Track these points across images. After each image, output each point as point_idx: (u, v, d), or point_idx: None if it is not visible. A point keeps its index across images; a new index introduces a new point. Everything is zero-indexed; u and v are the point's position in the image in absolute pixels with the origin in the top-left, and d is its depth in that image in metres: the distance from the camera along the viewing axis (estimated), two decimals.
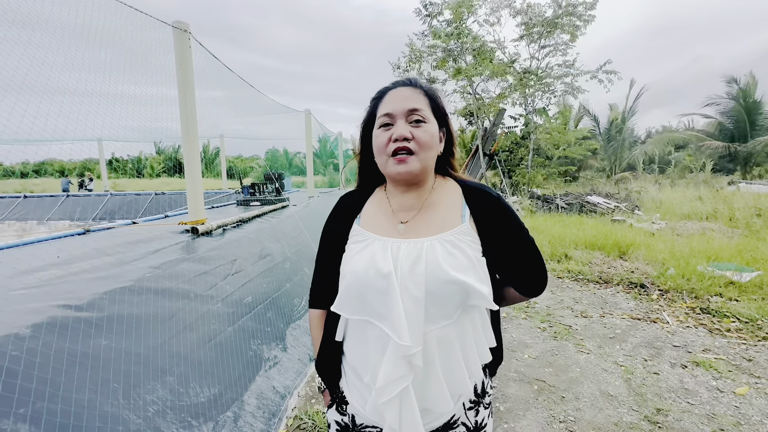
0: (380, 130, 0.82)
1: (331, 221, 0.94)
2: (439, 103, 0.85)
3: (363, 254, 0.80)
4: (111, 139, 6.28)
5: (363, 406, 0.82)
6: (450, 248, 0.77)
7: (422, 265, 0.75)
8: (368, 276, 0.76)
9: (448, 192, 0.87)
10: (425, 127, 0.79)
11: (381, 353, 0.76)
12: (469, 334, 0.79)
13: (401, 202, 0.86)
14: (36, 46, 2.03)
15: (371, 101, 0.88)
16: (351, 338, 0.85)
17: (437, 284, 0.74)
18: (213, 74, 3.61)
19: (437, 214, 0.83)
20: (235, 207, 5.14)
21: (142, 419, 1.42)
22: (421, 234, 0.80)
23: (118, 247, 2.44)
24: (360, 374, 0.82)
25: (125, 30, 2.52)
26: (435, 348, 0.76)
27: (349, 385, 0.87)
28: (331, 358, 0.89)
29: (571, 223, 7.67)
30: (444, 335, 0.77)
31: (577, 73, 11.53)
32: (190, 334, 1.96)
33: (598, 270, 4.86)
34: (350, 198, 0.94)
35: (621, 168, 20.11)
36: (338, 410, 0.89)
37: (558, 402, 2.27)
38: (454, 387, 0.79)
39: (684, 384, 2.41)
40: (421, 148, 0.78)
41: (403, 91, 0.82)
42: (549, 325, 3.38)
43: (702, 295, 3.84)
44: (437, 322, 0.76)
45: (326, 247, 0.92)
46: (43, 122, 2.05)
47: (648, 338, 3.06)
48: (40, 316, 1.37)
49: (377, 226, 0.85)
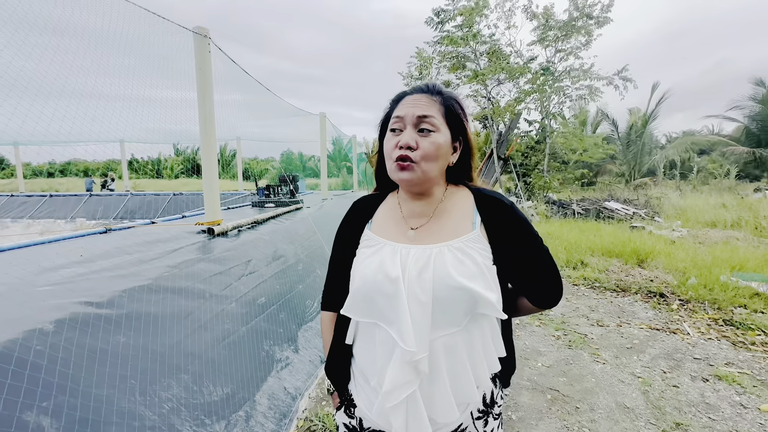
0: (391, 134, 0.82)
1: (345, 225, 0.94)
2: (456, 111, 0.83)
3: (373, 259, 0.81)
4: (132, 140, 6.47)
5: (370, 410, 0.83)
6: (459, 255, 0.77)
7: (430, 271, 0.75)
8: (377, 280, 0.77)
9: (460, 200, 0.87)
10: (433, 137, 0.79)
11: (387, 357, 0.76)
12: (477, 342, 0.78)
13: (412, 209, 0.86)
14: (64, 51, 2.12)
15: (390, 103, 0.88)
16: (360, 341, 0.86)
17: (444, 290, 0.74)
18: (231, 78, 3.69)
19: (448, 221, 0.83)
20: (250, 208, 5.22)
21: (157, 416, 1.45)
22: (431, 241, 0.81)
23: (138, 246, 2.50)
24: (367, 377, 0.83)
25: (149, 36, 2.60)
26: (441, 355, 0.76)
27: (357, 388, 0.87)
28: (341, 360, 0.90)
29: (588, 229, 7.51)
30: (451, 342, 0.76)
31: (594, 77, 11.35)
32: (205, 333, 2.00)
33: (616, 278, 4.75)
34: (364, 203, 0.95)
35: (640, 173, 19.61)
36: (347, 413, 0.89)
37: (572, 413, 2.22)
38: (461, 395, 0.78)
39: (705, 398, 2.33)
40: (424, 159, 0.78)
41: (418, 98, 0.82)
42: (564, 333, 3.31)
43: (725, 306, 3.70)
44: (444, 329, 0.76)
45: (339, 250, 0.93)
46: (70, 124, 2.13)
47: (667, 349, 2.97)
48: (62, 312, 1.42)
49: (388, 232, 0.85)
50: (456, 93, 0.88)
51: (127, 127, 2.83)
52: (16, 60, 1.81)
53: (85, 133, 2.33)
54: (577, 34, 11.19)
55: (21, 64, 1.83)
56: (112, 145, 9.35)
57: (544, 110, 12.39)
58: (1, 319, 1.31)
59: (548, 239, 6.66)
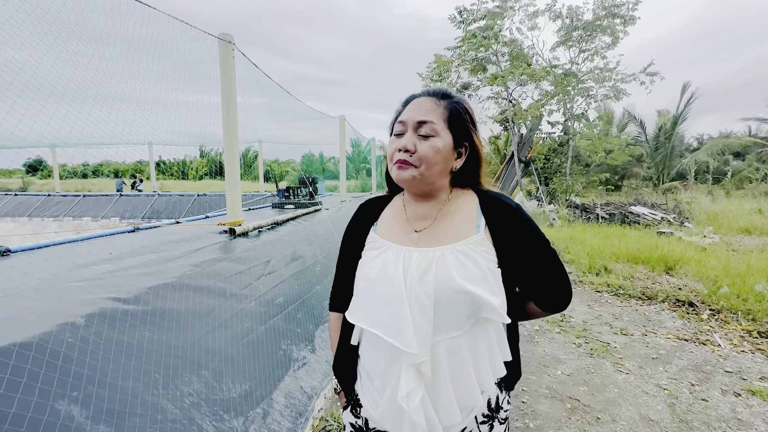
0: (393, 137, 0.84)
1: (351, 227, 0.95)
2: (461, 117, 0.82)
3: (376, 262, 0.81)
4: (160, 143, 6.72)
5: (375, 410, 0.83)
6: (462, 258, 0.76)
7: (432, 274, 0.75)
8: (378, 284, 0.77)
9: (465, 202, 0.86)
10: (432, 141, 0.79)
11: (390, 359, 0.77)
12: (481, 346, 0.78)
13: (416, 211, 0.86)
14: (98, 57, 2.23)
15: (401, 106, 0.90)
16: (365, 343, 0.86)
17: (446, 294, 0.73)
18: (254, 82, 3.79)
19: (452, 224, 0.83)
20: (270, 209, 5.33)
21: (178, 409, 1.50)
22: (434, 243, 0.80)
23: (163, 245, 2.60)
24: (372, 378, 0.84)
25: (176, 42, 2.71)
26: (444, 358, 0.75)
27: (363, 388, 0.88)
28: (347, 361, 0.91)
29: (612, 234, 7.28)
30: (454, 346, 0.76)
31: (618, 78, 11.02)
32: (225, 330, 2.05)
33: (641, 285, 4.58)
34: (370, 205, 0.96)
35: (669, 177, 18.86)
36: (353, 412, 0.90)
37: (592, 423, 2.15)
38: (464, 399, 0.77)
39: (737, 414, 2.21)
40: (422, 162, 0.78)
41: (423, 102, 0.82)
42: (585, 341, 3.22)
43: (761, 318, 3.51)
44: (446, 333, 0.75)
45: (345, 252, 0.94)
46: (102, 127, 2.24)
47: (696, 361, 2.84)
48: (92, 307, 1.49)
49: (392, 234, 0.86)
50: (465, 98, 0.88)
51: (155, 129, 2.95)
52: (55, 67, 1.92)
53: (116, 136, 2.45)
54: (602, 34, 10.91)
55: (59, 71, 1.94)
56: (141, 148, 9.74)
57: (567, 112, 12.11)
58: (37, 313, 1.39)
59: (570, 244, 6.49)
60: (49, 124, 1.83)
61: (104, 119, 2.27)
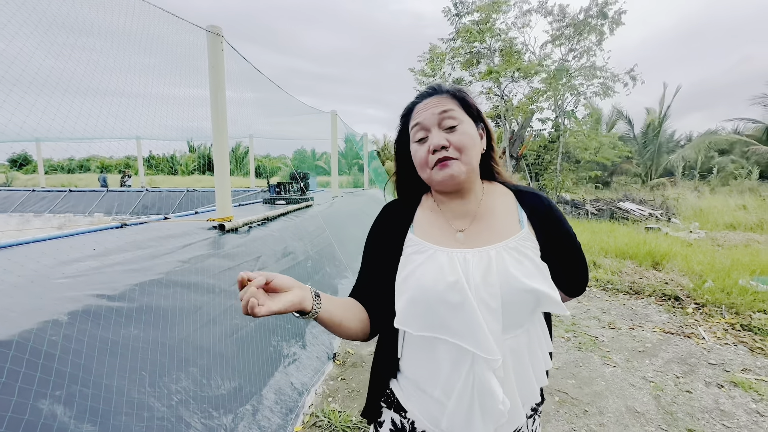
0: (417, 144, 0.80)
1: (380, 229, 0.89)
2: (469, 101, 0.82)
3: (428, 266, 0.76)
4: (148, 137, 6.60)
5: (430, 421, 0.78)
6: (517, 255, 0.75)
7: (494, 275, 0.72)
8: (438, 289, 0.72)
9: (501, 197, 0.85)
10: (460, 129, 0.77)
11: (452, 367, 0.73)
12: (534, 340, 0.78)
13: (453, 209, 0.83)
14: (81, 49, 2.17)
15: (401, 119, 0.86)
16: (414, 352, 0.80)
17: (512, 294, 0.72)
18: (245, 76, 3.73)
19: (495, 220, 0.81)
20: (261, 205, 5.28)
21: (166, 407, 1.48)
22: (482, 242, 0.78)
23: (151, 241, 2.55)
24: (424, 389, 0.78)
25: (162, 34, 2.65)
26: (509, 358, 0.74)
27: (405, 393, 0.82)
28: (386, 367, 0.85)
29: (601, 230, 7.38)
30: (515, 344, 0.75)
31: (607, 75, 11.16)
32: (214, 327, 2.03)
33: (629, 280, 4.65)
34: (397, 206, 0.91)
35: (657, 174, 19.17)
36: (399, 413, 0.84)
37: (580, 415, 2.19)
38: (525, 395, 0.77)
39: (720, 405, 2.27)
40: (461, 151, 0.76)
41: (430, 101, 0.80)
42: (573, 335, 3.27)
43: (743, 311, 3.60)
44: (511, 332, 0.75)
45: (374, 256, 0.88)
46: (86, 121, 2.19)
47: (681, 354, 2.90)
48: (76, 304, 1.46)
49: (434, 236, 0.81)
50: (460, 86, 0.86)
51: (143, 123, 2.89)
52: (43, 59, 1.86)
53: (101, 130, 2.39)
54: (589, 34, 11.03)
55: (43, 62, 1.89)
56: (129, 142, 9.57)
57: (557, 109, 12.21)
58: (17, 310, 1.35)
59: None
60: (28, 116, 1.78)
61: (89, 112, 2.21)
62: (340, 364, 2.69)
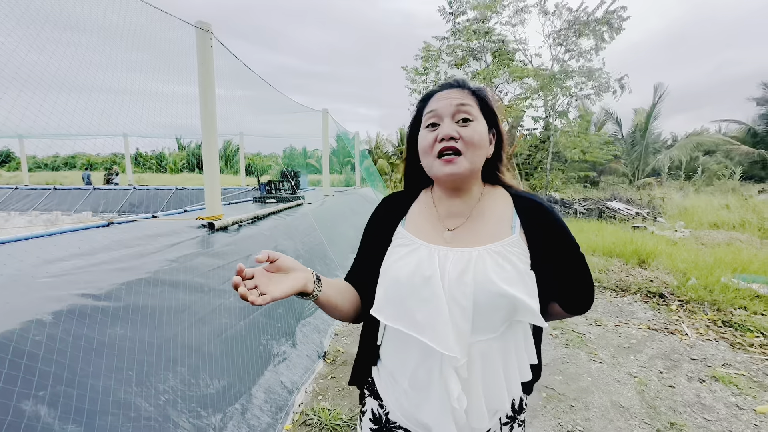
0: (426, 130, 0.79)
1: (376, 219, 0.91)
2: (489, 102, 0.82)
3: (407, 260, 0.77)
4: (136, 134, 6.50)
5: (399, 410, 0.81)
6: (499, 260, 0.74)
7: (470, 275, 0.72)
8: (412, 283, 0.74)
9: (498, 201, 0.84)
10: (473, 125, 0.76)
11: (420, 360, 0.75)
12: (511, 349, 0.77)
13: (449, 208, 0.83)
14: (66, 44, 2.13)
15: (418, 103, 0.86)
16: (390, 342, 0.83)
17: (486, 296, 0.71)
18: (234, 74, 3.70)
19: (486, 223, 0.80)
20: (251, 204, 5.24)
21: (153, 407, 1.47)
22: (468, 243, 0.78)
23: (138, 240, 2.52)
24: (396, 379, 0.81)
25: (150, 30, 2.61)
26: (477, 361, 0.74)
27: (382, 382, 0.85)
28: (367, 353, 0.88)
29: (590, 228, 7.49)
30: (487, 349, 0.75)
31: (603, 79, 11.34)
32: (203, 326, 2.02)
33: (616, 278, 4.74)
34: (396, 198, 0.92)
35: (644, 173, 19.50)
36: (375, 398, 0.87)
37: (567, 411, 2.23)
38: (492, 402, 0.77)
39: (701, 399, 2.33)
40: (469, 147, 0.75)
41: (450, 92, 0.80)
42: (561, 332, 3.32)
43: (725, 308, 3.69)
44: (482, 335, 0.74)
45: (368, 244, 0.90)
46: (71, 117, 2.15)
47: (665, 350, 2.97)
48: (61, 303, 1.44)
49: (422, 232, 0.82)
50: (485, 86, 0.86)
51: (131, 120, 2.84)
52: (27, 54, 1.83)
53: (87, 126, 2.35)
54: (587, 38, 11.17)
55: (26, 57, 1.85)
56: (117, 139, 9.40)
57: (549, 109, 12.34)
58: (0, 310, 1.33)
59: None
60: (11, 111, 1.74)
61: (74, 109, 2.17)
62: (330, 363, 2.70)
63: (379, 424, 0.85)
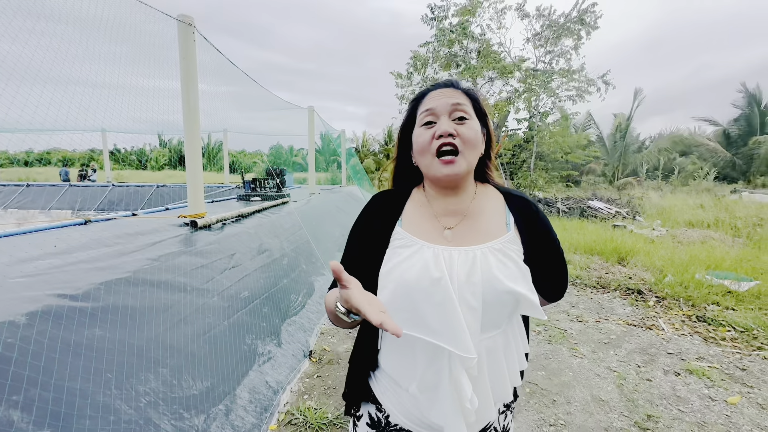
0: (422, 128, 0.79)
1: (367, 218, 0.87)
2: (481, 103, 0.83)
3: (412, 261, 0.76)
4: (114, 130, 6.30)
5: (404, 415, 0.80)
6: (501, 257, 0.75)
7: (478, 275, 0.73)
8: (421, 285, 0.72)
9: (491, 199, 0.86)
10: (469, 123, 0.77)
11: (428, 363, 0.74)
12: (511, 342, 0.79)
13: (444, 206, 0.83)
14: (40, 34, 2.05)
15: (410, 102, 0.86)
16: (392, 347, 0.81)
17: (493, 295, 0.72)
18: (218, 69, 3.62)
19: (483, 221, 0.81)
20: (235, 201, 5.16)
21: (133, 409, 1.43)
22: (468, 242, 0.78)
23: (117, 239, 2.45)
24: (400, 383, 0.80)
25: (130, 22, 2.53)
26: (484, 358, 0.75)
27: (380, 387, 0.84)
28: (365, 360, 0.86)
29: (572, 227, 7.66)
30: (492, 344, 0.76)
31: (583, 80, 11.57)
32: (186, 326, 1.98)
33: (597, 275, 4.86)
34: (387, 197, 0.89)
35: (624, 174, 20.06)
36: (372, 403, 0.86)
37: (549, 405, 2.27)
38: (498, 394, 0.78)
39: (676, 391, 2.41)
40: (467, 146, 0.76)
41: (444, 91, 0.81)
42: (544, 328, 3.38)
43: (699, 303, 3.83)
44: (489, 332, 0.75)
45: (359, 244, 0.86)
46: (45, 111, 2.07)
47: (643, 345, 3.07)
48: (36, 304, 1.38)
49: (422, 231, 0.81)
50: (474, 88, 0.87)
51: (108, 115, 2.75)
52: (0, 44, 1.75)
53: (61, 121, 2.26)
54: (566, 37, 11.39)
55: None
56: (95, 135, 9.10)
57: (533, 109, 12.55)
58: None
59: None
60: None
61: (49, 102, 2.09)
62: (316, 362, 2.68)
63: (378, 427, 0.85)
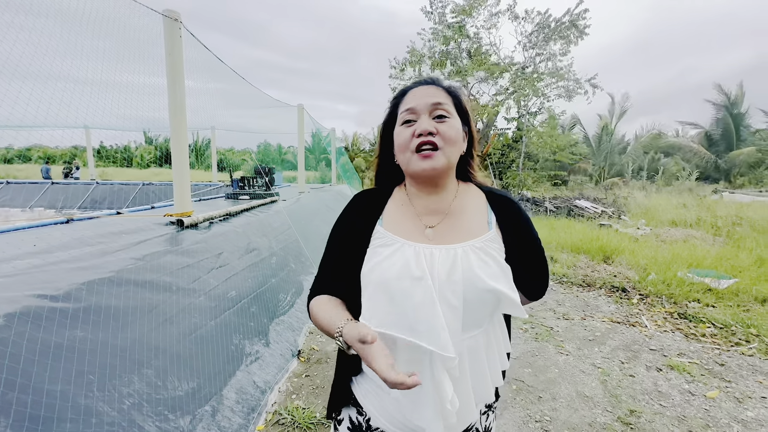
0: (402, 126, 0.79)
1: (348, 218, 0.87)
2: (462, 101, 0.83)
3: (393, 260, 0.75)
4: (99, 126, 6.16)
5: (386, 418, 0.79)
6: (482, 256, 0.75)
7: (458, 273, 0.72)
8: (402, 284, 0.72)
9: (473, 198, 0.86)
10: (449, 122, 0.78)
11: (407, 364, 0.73)
12: (492, 341, 0.79)
13: (426, 205, 0.83)
14: (19, 28, 1.99)
15: (392, 100, 0.85)
16: None
17: (474, 293, 0.72)
18: (206, 66, 3.57)
19: (464, 220, 0.81)
20: (223, 200, 5.09)
21: (116, 411, 1.40)
22: (449, 240, 0.78)
23: (101, 238, 2.40)
24: (381, 386, 0.79)
25: (114, 16, 2.48)
26: (466, 357, 0.74)
27: (362, 390, 0.83)
28: (348, 364, 0.86)
29: (559, 226, 7.77)
30: (474, 344, 0.76)
31: (571, 81, 11.75)
32: (171, 327, 1.95)
33: (582, 273, 4.94)
34: (368, 196, 0.89)
35: (610, 174, 20.43)
36: (353, 406, 0.85)
37: (535, 402, 2.31)
38: (480, 395, 0.78)
39: (658, 387, 2.47)
40: (446, 142, 0.76)
41: (425, 89, 0.80)
42: (531, 326, 3.43)
43: (680, 301, 3.93)
44: (470, 331, 0.75)
45: (340, 244, 0.86)
46: (25, 106, 2.01)
47: (626, 341, 3.13)
48: (14, 305, 1.35)
49: (403, 230, 0.80)
50: (457, 84, 0.88)
51: (92, 111, 2.69)
52: None
53: (42, 118, 2.20)
54: (556, 41, 11.57)
55: None
56: (78, 131, 8.89)
57: (522, 109, 12.68)
58: None
59: None
60: None
61: (29, 97, 2.04)
62: (304, 361, 2.67)
63: (359, 431, 0.85)
